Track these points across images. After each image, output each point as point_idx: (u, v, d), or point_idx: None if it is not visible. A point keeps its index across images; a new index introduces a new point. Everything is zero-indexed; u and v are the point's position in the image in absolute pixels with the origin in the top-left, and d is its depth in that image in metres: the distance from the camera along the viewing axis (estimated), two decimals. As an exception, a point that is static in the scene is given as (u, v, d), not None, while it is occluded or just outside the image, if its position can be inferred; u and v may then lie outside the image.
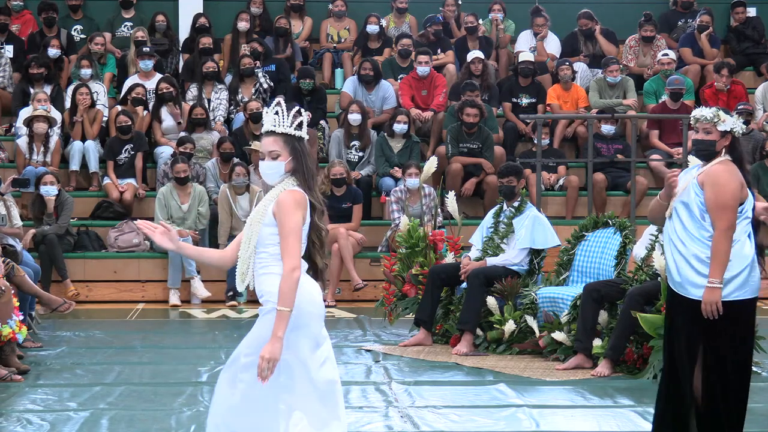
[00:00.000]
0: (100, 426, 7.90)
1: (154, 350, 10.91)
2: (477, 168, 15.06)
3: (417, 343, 10.96)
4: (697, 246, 6.48)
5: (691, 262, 6.50)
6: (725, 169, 6.53)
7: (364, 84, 16.21)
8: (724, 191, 6.47)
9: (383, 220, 14.78)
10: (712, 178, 6.51)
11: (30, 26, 17.72)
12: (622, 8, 18.45)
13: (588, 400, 8.80)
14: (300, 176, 5.58)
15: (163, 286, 14.11)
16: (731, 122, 6.57)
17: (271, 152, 5.61)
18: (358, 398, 8.78)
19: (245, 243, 5.61)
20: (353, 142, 15.37)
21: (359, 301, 13.88)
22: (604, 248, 10.47)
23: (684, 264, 6.51)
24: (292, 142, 5.61)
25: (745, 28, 17.86)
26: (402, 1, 17.81)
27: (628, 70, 17.05)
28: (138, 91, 15.74)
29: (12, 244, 12.34)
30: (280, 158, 5.59)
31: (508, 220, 10.92)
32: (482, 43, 17.19)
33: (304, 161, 5.61)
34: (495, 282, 10.64)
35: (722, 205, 6.46)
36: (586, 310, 9.83)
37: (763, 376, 9.57)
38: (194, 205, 14.20)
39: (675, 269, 6.56)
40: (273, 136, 5.62)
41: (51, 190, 13.81)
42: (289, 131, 5.60)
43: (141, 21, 17.47)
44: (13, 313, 9.67)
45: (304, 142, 5.64)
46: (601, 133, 15.56)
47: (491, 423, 8.04)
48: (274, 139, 5.61)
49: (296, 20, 17.73)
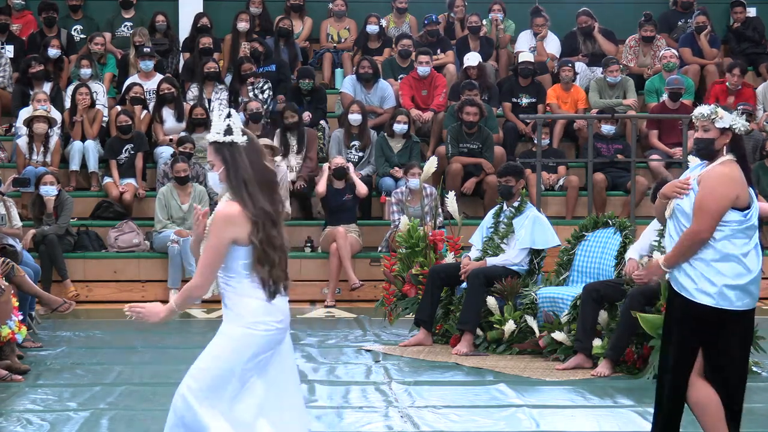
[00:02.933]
0: (100, 426, 7.90)
1: (154, 350, 10.92)
2: (477, 168, 15.06)
3: (417, 343, 10.96)
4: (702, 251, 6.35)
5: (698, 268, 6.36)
6: (723, 172, 6.37)
7: (362, 83, 16.22)
8: (711, 196, 6.31)
9: (383, 220, 14.78)
10: (707, 180, 6.36)
11: (31, 26, 17.73)
12: (622, 8, 18.45)
13: (588, 400, 8.80)
14: (230, 185, 5.42)
15: (163, 286, 14.10)
16: (730, 119, 6.41)
17: (210, 162, 5.51)
18: (358, 398, 8.78)
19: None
20: (353, 142, 15.37)
21: (359, 301, 13.88)
22: (604, 248, 10.47)
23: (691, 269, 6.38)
24: (222, 150, 5.44)
25: (744, 28, 17.86)
26: (402, 1, 17.82)
27: (628, 70, 17.05)
28: (136, 91, 15.74)
29: (12, 244, 12.34)
30: (215, 168, 5.47)
31: (508, 220, 10.92)
32: (483, 43, 17.19)
33: (233, 169, 5.41)
34: (495, 282, 10.64)
35: (705, 208, 6.30)
36: (586, 310, 9.82)
37: (763, 376, 9.56)
38: (194, 205, 14.21)
39: (683, 274, 6.42)
40: (210, 146, 5.50)
41: (51, 190, 13.81)
42: (218, 138, 5.44)
43: (141, 21, 17.46)
44: (13, 314, 9.67)
45: (235, 148, 5.42)
46: (601, 133, 15.56)
47: (491, 423, 8.04)
48: (210, 149, 5.49)
49: (296, 20, 17.73)
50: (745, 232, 6.36)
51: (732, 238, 6.34)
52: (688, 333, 6.42)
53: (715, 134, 6.44)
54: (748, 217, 6.37)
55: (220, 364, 5.44)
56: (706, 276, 6.35)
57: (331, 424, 8.00)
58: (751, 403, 7.37)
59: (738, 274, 6.33)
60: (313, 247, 14.57)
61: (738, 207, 6.36)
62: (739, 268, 6.33)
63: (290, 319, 5.56)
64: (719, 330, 6.36)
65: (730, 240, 6.34)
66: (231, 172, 5.41)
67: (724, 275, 6.33)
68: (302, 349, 10.73)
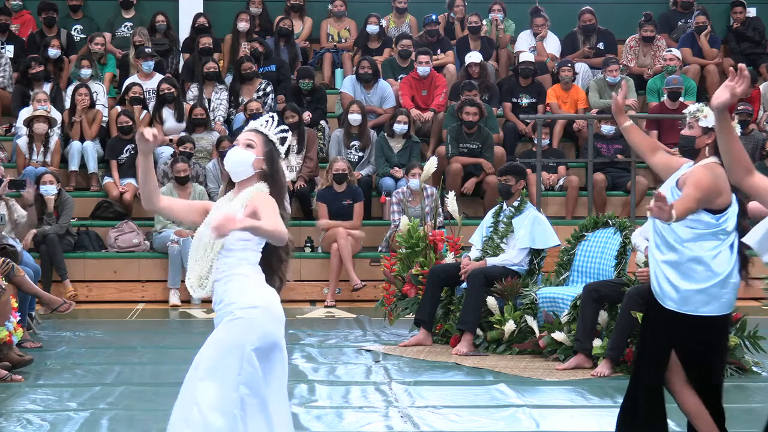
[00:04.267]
0: (100, 426, 7.90)
1: (154, 350, 10.92)
2: (477, 168, 15.06)
3: (417, 343, 10.96)
4: (669, 252, 6.22)
5: (664, 271, 6.23)
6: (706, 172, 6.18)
7: (362, 83, 16.22)
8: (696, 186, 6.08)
9: (383, 220, 14.78)
10: (691, 179, 6.17)
11: (30, 26, 17.73)
12: (622, 8, 18.45)
13: (588, 400, 8.80)
14: (272, 186, 5.48)
15: (163, 286, 14.11)
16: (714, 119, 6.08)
17: (246, 141, 5.53)
18: (358, 398, 8.78)
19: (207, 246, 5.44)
20: (353, 142, 15.37)
21: (359, 301, 13.88)
22: (604, 248, 10.47)
23: (660, 272, 6.25)
24: (270, 146, 5.54)
25: (744, 28, 17.86)
26: (402, 1, 17.82)
27: (628, 70, 17.05)
28: (135, 90, 15.74)
29: (12, 244, 12.34)
30: (253, 150, 5.50)
31: (508, 219, 10.92)
32: (483, 43, 17.19)
33: (277, 171, 5.51)
34: (495, 282, 10.64)
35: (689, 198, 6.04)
36: (586, 310, 9.82)
37: (764, 376, 9.55)
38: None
39: (654, 276, 6.30)
40: (255, 132, 5.56)
41: (51, 190, 13.82)
42: (271, 136, 5.56)
43: (141, 21, 17.47)
44: (11, 315, 9.67)
45: (280, 157, 5.54)
46: (601, 133, 15.57)
47: (491, 423, 8.04)
48: (255, 134, 5.55)
49: (296, 20, 17.73)
50: (716, 235, 6.18)
51: (701, 240, 6.17)
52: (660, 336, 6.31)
53: (698, 132, 6.30)
54: (720, 222, 6.19)
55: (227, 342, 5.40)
56: (670, 279, 6.20)
57: (331, 424, 8.00)
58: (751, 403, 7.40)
59: (703, 278, 6.16)
60: (313, 247, 14.57)
61: (712, 209, 6.18)
62: (705, 272, 6.16)
63: (290, 319, 5.57)
64: (688, 336, 6.23)
65: (698, 241, 6.17)
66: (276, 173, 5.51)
67: (689, 279, 6.17)
68: (302, 349, 10.73)
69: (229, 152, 5.56)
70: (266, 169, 5.50)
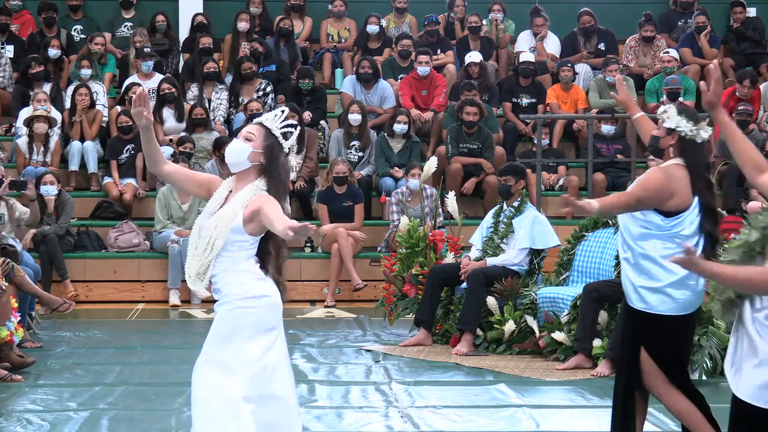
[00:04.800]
0: (100, 426, 7.90)
1: (154, 350, 10.92)
2: (477, 168, 15.07)
3: (417, 343, 10.96)
4: (627, 250, 6.27)
5: (624, 268, 6.29)
6: (658, 173, 6.17)
7: (362, 83, 16.22)
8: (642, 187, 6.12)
9: (383, 220, 14.78)
10: (641, 177, 6.23)
11: (30, 26, 17.73)
12: (622, 8, 18.45)
13: (588, 400, 8.81)
14: (269, 180, 5.48)
15: (163, 286, 14.11)
16: (676, 121, 6.21)
17: (247, 133, 5.55)
18: (358, 398, 8.78)
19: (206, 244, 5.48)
20: (353, 142, 15.37)
21: (359, 301, 13.88)
22: (604, 248, 10.47)
23: (623, 269, 6.32)
24: (271, 140, 5.52)
25: (744, 28, 17.86)
26: (402, 1, 17.82)
27: (628, 70, 17.05)
28: (135, 90, 15.66)
29: (12, 244, 12.34)
30: (252, 143, 5.51)
31: (508, 220, 10.92)
32: (483, 43, 17.20)
33: (277, 166, 5.49)
34: (495, 282, 10.64)
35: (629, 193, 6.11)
36: (586, 310, 9.83)
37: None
38: (194, 204, 14.20)
39: (624, 274, 6.34)
40: (258, 125, 5.57)
41: (51, 190, 13.82)
42: (274, 130, 5.53)
43: (141, 21, 17.47)
44: (11, 315, 9.67)
45: (282, 152, 5.51)
46: (601, 133, 15.57)
47: (491, 423, 8.04)
48: (257, 127, 5.56)
49: (296, 20, 17.73)
50: (670, 238, 6.16)
51: (651, 239, 6.19)
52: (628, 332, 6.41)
53: (662, 133, 6.30)
54: (671, 225, 6.17)
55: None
56: (629, 277, 6.28)
57: (331, 424, 8.00)
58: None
59: (657, 277, 6.18)
60: (313, 247, 14.57)
61: (665, 210, 6.17)
62: (659, 271, 6.18)
63: (290, 319, 5.59)
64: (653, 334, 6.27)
65: (648, 240, 6.19)
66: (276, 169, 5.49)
67: (644, 276, 6.21)
68: (302, 349, 10.73)
69: (228, 146, 5.64)
70: (264, 163, 5.51)
